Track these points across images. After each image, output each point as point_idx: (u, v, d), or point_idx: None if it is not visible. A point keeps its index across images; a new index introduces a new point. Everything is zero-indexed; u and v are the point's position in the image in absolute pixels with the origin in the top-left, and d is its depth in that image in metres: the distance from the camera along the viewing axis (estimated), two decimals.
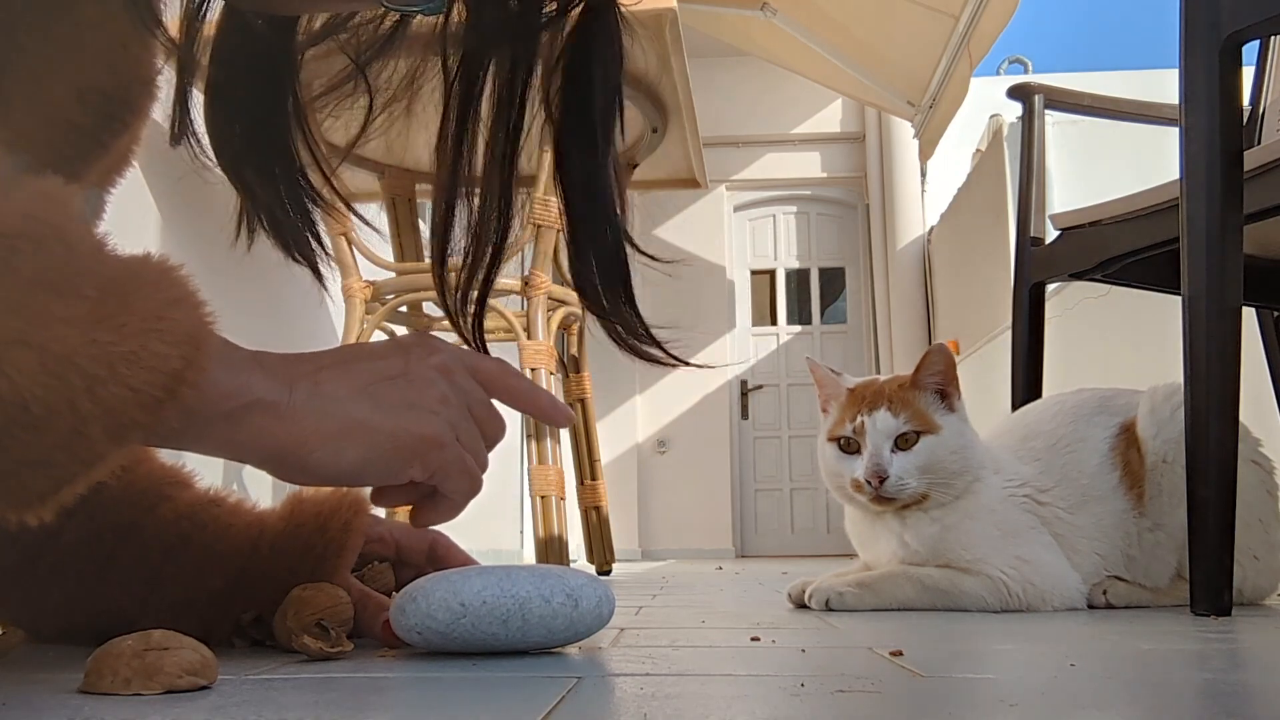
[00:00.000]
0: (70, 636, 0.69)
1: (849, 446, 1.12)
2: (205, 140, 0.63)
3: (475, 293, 0.63)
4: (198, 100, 0.62)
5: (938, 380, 1.11)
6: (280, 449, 0.51)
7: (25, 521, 0.43)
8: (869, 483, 1.07)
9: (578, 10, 0.59)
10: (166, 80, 0.62)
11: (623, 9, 0.60)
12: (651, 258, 0.64)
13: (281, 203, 0.64)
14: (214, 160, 0.63)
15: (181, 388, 0.44)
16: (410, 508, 0.61)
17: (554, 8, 0.59)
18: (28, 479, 0.42)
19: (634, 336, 0.64)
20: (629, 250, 0.63)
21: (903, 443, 1.08)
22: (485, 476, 0.66)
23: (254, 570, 0.67)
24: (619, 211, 0.63)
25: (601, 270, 0.63)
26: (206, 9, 0.61)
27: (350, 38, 0.64)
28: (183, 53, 0.59)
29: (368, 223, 0.75)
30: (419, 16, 0.59)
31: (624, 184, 0.63)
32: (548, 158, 0.62)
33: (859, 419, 1.10)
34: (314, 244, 0.66)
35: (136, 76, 0.60)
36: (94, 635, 0.72)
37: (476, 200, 0.61)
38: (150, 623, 0.67)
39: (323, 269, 0.67)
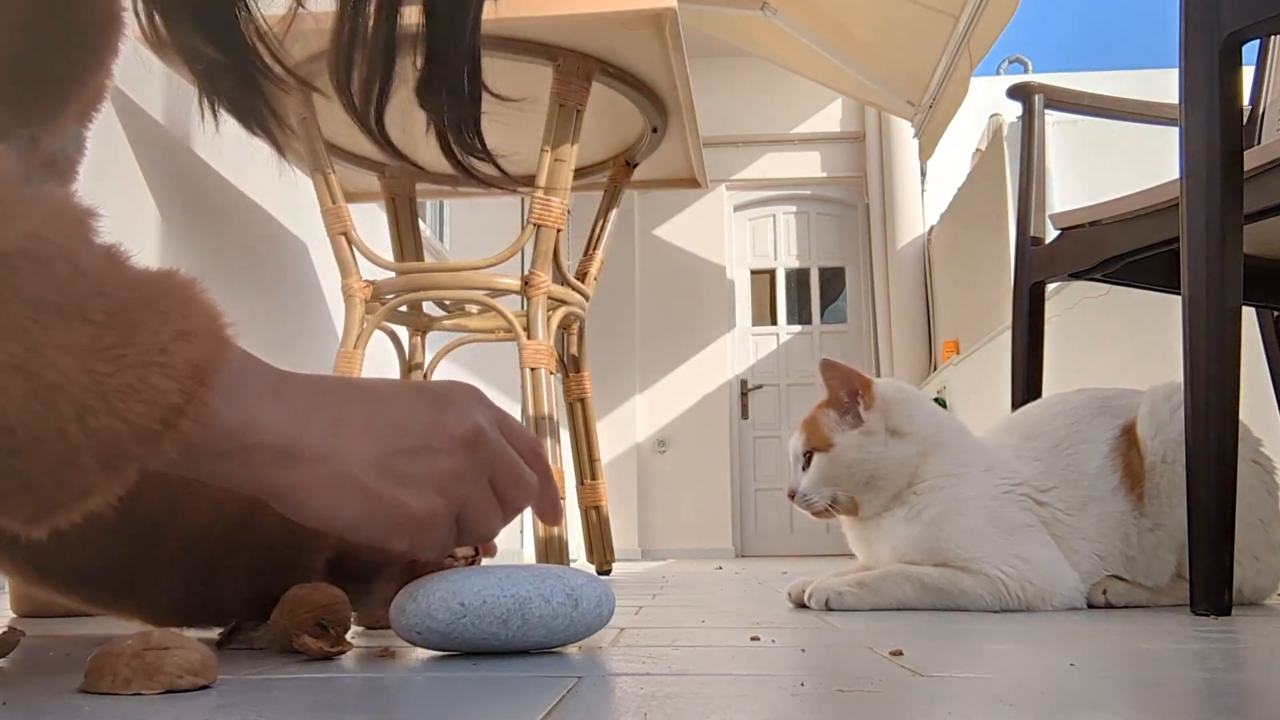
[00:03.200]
0: (86, 586, 0.70)
1: None
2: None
3: (373, 106, 0.64)
4: None
5: (844, 394, 1.14)
6: (280, 491, 0.51)
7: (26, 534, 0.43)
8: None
9: None
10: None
11: None
12: (496, 95, 0.65)
13: (236, 82, 0.64)
14: (169, 44, 0.63)
15: (181, 419, 0.44)
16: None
17: None
18: (13, 502, 0.42)
19: (470, 152, 0.66)
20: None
21: (807, 461, 1.14)
22: None
23: (247, 525, 0.68)
24: (475, 33, 0.63)
25: (453, 84, 0.63)
26: None
27: None
28: None
29: (318, 89, 0.74)
30: None
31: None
32: (546, 157, 0.63)
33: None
34: (270, 118, 0.66)
35: (104, 13, 0.61)
36: (106, 589, 0.72)
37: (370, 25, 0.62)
38: (147, 575, 0.68)
39: (280, 141, 0.68)
